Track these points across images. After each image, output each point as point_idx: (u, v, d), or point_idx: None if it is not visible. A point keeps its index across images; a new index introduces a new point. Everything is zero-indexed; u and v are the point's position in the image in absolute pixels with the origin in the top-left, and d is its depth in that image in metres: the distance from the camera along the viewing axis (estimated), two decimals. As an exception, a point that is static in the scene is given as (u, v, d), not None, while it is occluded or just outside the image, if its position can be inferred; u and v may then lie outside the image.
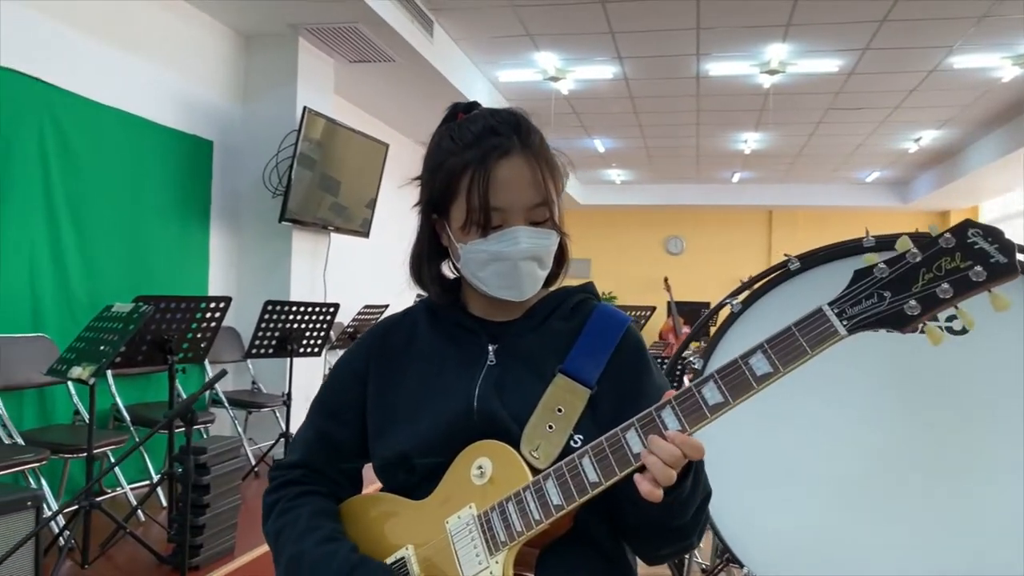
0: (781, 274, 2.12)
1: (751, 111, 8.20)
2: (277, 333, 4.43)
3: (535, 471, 1.04)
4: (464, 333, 1.18)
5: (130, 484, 4.01)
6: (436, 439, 1.11)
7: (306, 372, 5.13)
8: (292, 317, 4.48)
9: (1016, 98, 7.48)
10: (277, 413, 5.01)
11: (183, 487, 2.42)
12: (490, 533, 1.04)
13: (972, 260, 0.92)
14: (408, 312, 1.26)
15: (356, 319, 6.12)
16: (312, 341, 4.68)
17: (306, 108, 5.09)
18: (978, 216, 11.81)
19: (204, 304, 3.55)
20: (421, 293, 1.23)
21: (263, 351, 4.44)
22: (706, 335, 4.02)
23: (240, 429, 4.89)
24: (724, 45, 6.23)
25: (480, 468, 1.08)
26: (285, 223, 5.14)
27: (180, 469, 2.63)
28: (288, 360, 4.68)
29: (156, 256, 4.65)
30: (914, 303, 0.93)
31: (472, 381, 1.13)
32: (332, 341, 5.43)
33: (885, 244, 0.94)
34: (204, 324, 3.59)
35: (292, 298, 5.22)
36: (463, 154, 1.08)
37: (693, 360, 2.50)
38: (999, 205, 11.61)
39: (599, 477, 1.00)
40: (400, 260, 1.22)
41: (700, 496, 1.06)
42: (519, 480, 1.04)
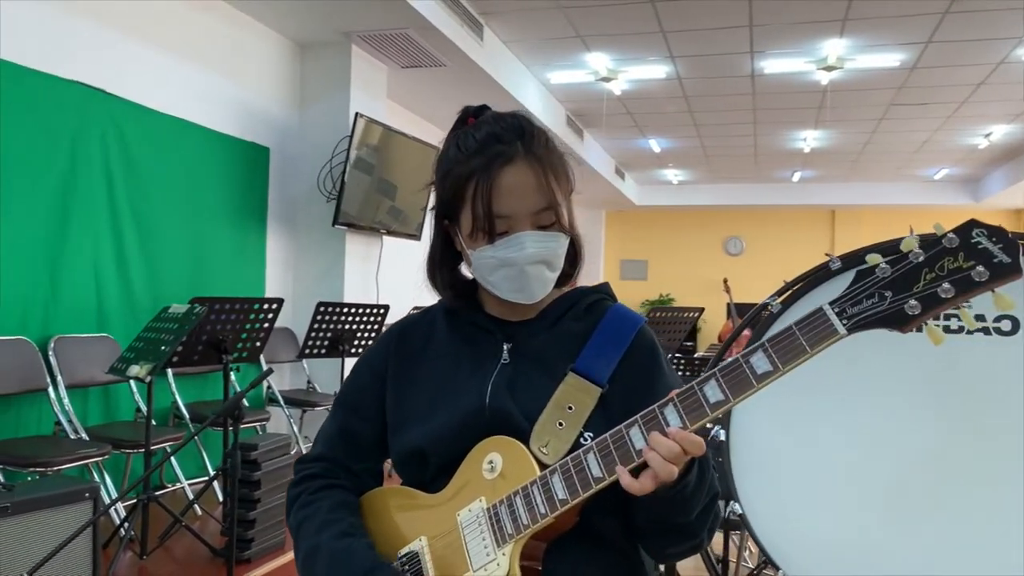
0: (822, 274, 2.09)
1: (809, 109, 8.03)
2: (329, 334, 4.54)
3: (543, 466, 1.07)
4: (480, 333, 1.21)
5: (188, 480, 4.17)
6: (450, 435, 1.14)
7: (358, 372, 5.22)
8: (344, 318, 4.58)
9: (1092, 90, 7.15)
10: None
11: (231, 482, 2.51)
12: (498, 526, 1.07)
13: (975, 260, 0.90)
14: (427, 312, 1.29)
15: (407, 320, 6.20)
16: (363, 342, 4.78)
17: (357, 114, 5.20)
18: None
19: (257, 305, 3.66)
20: None
21: (316, 351, 4.55)
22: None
23: (295, 427, 5.02)
24: (778, 42, 6.13)
25: (491, 463, 1.11)
26: (339, 227, 5.26)
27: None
28: (340, 360, 4.79)
29: (215, 259, 4.82)
30: (914, 303, 0.92)
31: (485, 379, 1.16)
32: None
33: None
34: (258, 325, 3.71)
35: (346, 300, 5.34)
36: (468, 162, 1.10)
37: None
38: (1077, 202, 11.10)
39: (602, 472, 1.01)
40: None
41: (705, 494, 1.06)
42: (527, 475, 1.07)
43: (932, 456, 1.89)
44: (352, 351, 4.75)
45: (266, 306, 3.70)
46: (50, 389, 3.58)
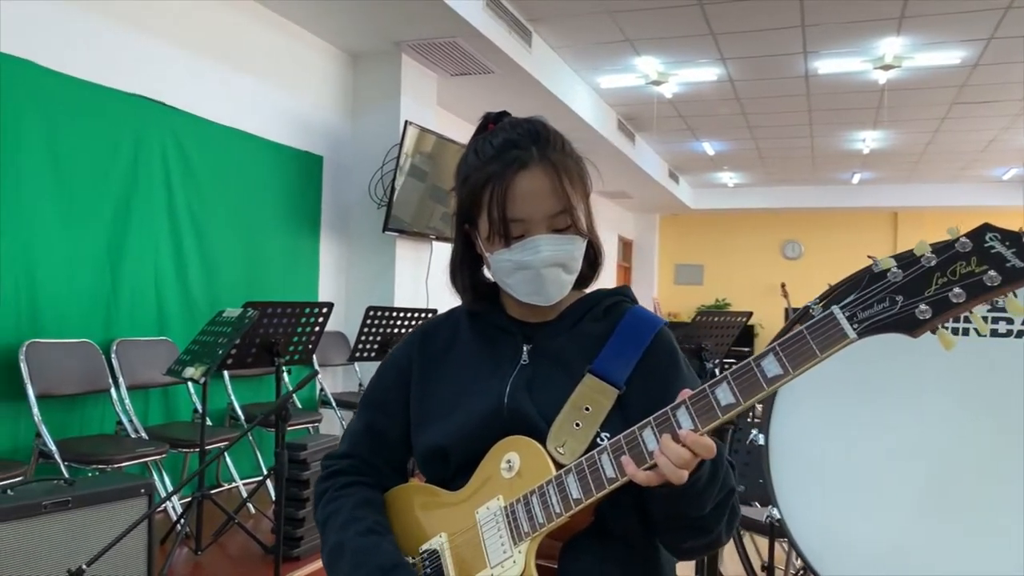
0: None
1: (867, 109, 7.85)
2: (379, 337, 4.63)
3: (560, 466, 1.09)
4: (501, 334, 1.24)
5: (243, 479, 4.30)
6: (469, 434, 1.17)
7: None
8: (393, 322, 4.66)
9: None
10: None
11: (278, 481, 2.59)
12: (515, 524, 1.09)
13: (987, 264, 0.89)
14: (451, 313, 1.33)
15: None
16: (412, 345, 4.84)
17: (407, 122, 5.29)
18: None
19: (308, 309, 3.76)
20: None
21: (366, 355, 4.64)
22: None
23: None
24: (832, 41, 6.02)
25: (508, 462, 1.13)
26: (389, 232, 5.36)
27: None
28: (390, 363, 4.86)
29: (270, 265, 4.96)
30: (925, 307, 0.92)
31: (504, 380, 1.18)
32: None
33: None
34: (308, 328, 3.80)
35: (396, 304, 5.43)
36: (485, 168, 1.13)
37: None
38: None
39: (616, 473, 1.03)
40: None
41: (718, 490, 1.07)
42: (543, 474, 1.09)
43: (974, 458, 1.85)
44: (401, 355, 4.81)
45: (316, 310, 3.80)
46: (112, 390, 3.74)
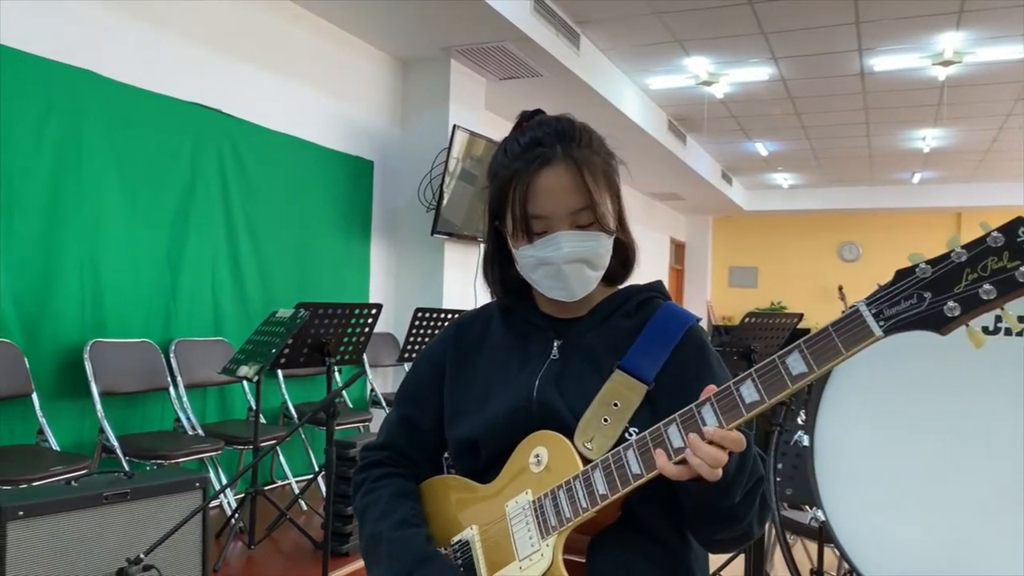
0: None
1: (926, 106, 7.64)
2: (427, 338, 4.69)
3: (587, 461, 1.10)
4: (532, 329, 1.25)
5: (296, 476, 4.41)
6: (499, 427, 1.19)
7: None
8: (440, 323, 4.72)
9: None
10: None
11: (328, 478, 2.65)
12: (542, 518, 1.11)
13: (1020, 260, 0.88)
14: (484, 308, 1.35)
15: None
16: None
17: (455, 126, 5.35)
18: None
19: (357, 310, 3.83)
20: None
21: (414, 355, 4.71)
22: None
23: (397, 429, 5.19)
24: (888, 38, 5.88)
25: (537, 456, 1.15)
26: (438, 235, 5.43)
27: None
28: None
29: (322, 267, 5.07)
30: (953, 304, 0.90)
31: (534, 375, 1.20)
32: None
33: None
34: (358, 329, 3.88)
35: (445, 306, 5.49)
36: (511, 165, 1.15)
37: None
38: None
39: (641, 469, 1.04)
40: None
41: (747, 479, 1.07)
42: (571, 469, 1.10)
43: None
44: (449, 356, 4.87)
45: (365, 311, 3.87)
46: (171, 388, 3.87)
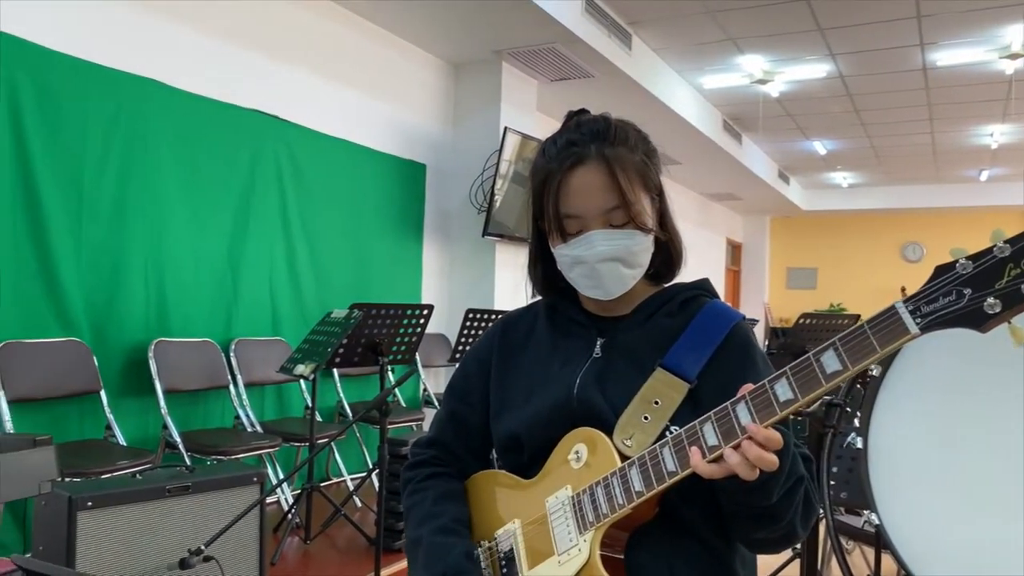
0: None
1: (994, 101, 7.40)
2: (477, 339, 4.73)
3: (625, 458, 1.11)
4: (576, 327, 1.27)
5: (350, 474, 4.50)
6: (540, 423, 1.21)
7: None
8: (490, 324, 4.76)
9: None
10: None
11: (380, 475, 2.71)
12: (580, 513, 1.13)
13: (1067, 255, 0.86)
14: (530, 307, 1.37)
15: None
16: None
17: (506, 128, 5.39)
18: None
19: (409, 311, 3.90)
20: None
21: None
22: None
23: (449, 428, 5.26)
24: (952, 32, 5.72)
25: (577, 453, 1.17)
26: (489, 237, 5.47)
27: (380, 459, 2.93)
28: (490, 364, 4.96)
29: (376, 268, 5.16)
30: (994, 300, 0.89)
31: (575, 372, 1.21)
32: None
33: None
34: (411, 329, 3.94)
35: (496, 306, 5.54)
36: (548, 165, 1.17)
37: (872, 366, 2.37)
38: None
39: (676, 466, 1.05)
40: None
41: (785, 479, 1.05)
42: (609, 466, 1.12)
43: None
44: (501, 356, 4.90)
45: (417, 311, 3.93)
46: (231, 386, 4.00)
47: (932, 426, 1.99)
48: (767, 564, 3.16)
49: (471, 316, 4.66)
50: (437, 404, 5.10)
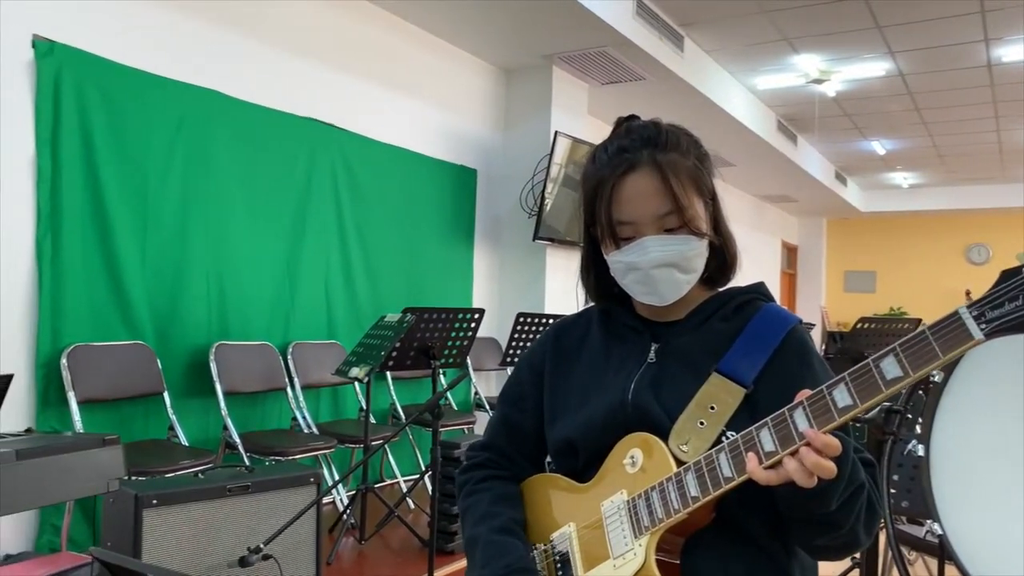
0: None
1: (1063, 97, 7.14)
2: (528, 342, 4.75)
3: (681, 464, 1.11)
4: (630, 332, 1.27)
5: (404, 476, 4.55)
6: (595, 428, 1.21)
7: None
8: (542, 328, 4.77)
9: None
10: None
11: (433, 477, 2.74)
12: (636, 518, 1.13)
13: None
14: (583, 313, 1.37)
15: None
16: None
17: (557, 132, 5.40)
18: None
19: (461, 315, 3.93)
20: None
21: (517, 359, 4.77)
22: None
23: (501, 432, 5.28)
24: (1018, 26, 5.53)
25: (632, 458, 1.17)
26: (539, 241, 5.49)
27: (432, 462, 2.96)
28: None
29: (428, 273, 5.22)
30: (1062, 306, 0.87)
31: (630, 377, 1.21)
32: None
33: None
34: (462, 333, 3.98)
35: (547, 310, 5.54)
36: (600, 172, 1.17)
37: (934, 372, 2.32)
38: None
39: (732, 472, 1.04)
40: None
41: (845, 486, 1.04)
42: (664, 471, 1.12)
43: None
44: (552, 360, 4.90)
45: (468, 315, 3.96)
46: (288, 388, 4.09)
47: (997, 434, 1.93)
48: (824, 574, 3.10)
49: (522, 320, 4.68)
50: (488, 408, 5.14)
